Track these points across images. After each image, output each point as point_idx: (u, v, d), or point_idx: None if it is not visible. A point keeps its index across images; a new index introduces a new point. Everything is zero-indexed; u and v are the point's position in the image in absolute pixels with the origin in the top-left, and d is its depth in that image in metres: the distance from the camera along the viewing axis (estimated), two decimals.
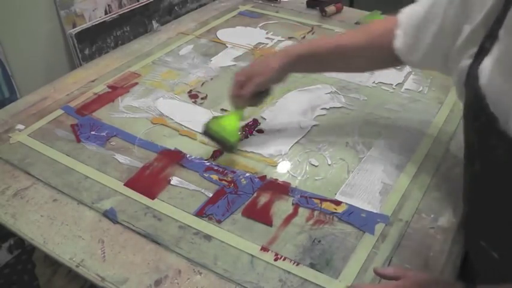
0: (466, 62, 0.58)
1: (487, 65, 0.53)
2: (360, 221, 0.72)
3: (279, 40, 1.27)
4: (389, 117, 0.95)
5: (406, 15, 0.72)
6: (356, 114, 0.97)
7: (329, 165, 0.84)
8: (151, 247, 0.69)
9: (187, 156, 0.85)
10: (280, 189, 0.78)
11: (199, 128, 0.92)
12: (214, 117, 0.87)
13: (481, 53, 0.55)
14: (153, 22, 1.41)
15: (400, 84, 1.07)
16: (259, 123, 0.94)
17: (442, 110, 0.98)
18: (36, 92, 1.06)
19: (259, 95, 0.84)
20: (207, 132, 0.83)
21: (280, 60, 0.80)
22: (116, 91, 1.05)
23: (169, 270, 0.65)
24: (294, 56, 0.80)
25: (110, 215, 0.73)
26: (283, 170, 0.83)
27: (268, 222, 0.72)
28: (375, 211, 0.74)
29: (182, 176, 0.81)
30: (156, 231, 0.71)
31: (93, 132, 0.91)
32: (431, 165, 0.83)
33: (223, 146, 0.84)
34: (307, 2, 1.49)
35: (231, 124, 0.84)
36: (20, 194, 0.78)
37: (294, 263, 0.66)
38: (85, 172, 0.82)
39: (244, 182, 0.79)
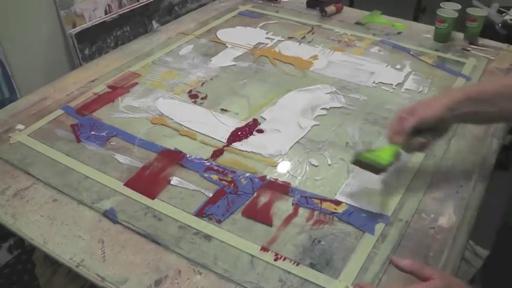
0: None
1: None
2: (360, 221, 0.72)
3: (279, 40, 1.27)
4: (389, 117, 0.95)
5: None
6: (356, 114, 0.97)
7: (329, 165, 0.84)
8: (151, 247, 0.69)
9: (187, 156, 0.85)
10: (280, 189, 0.78)
11: (199, 128, 0.93)
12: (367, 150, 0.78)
13: None
14: (153, 22, 1.41)
15: (400, 84, 1.07)
16: (259, 123, 0.94)
17: None
18: (36, 92, 1.06)
19: (421, 138, 0.73)
20: (358, 159, 0.75)
21: (447, 98, 0.73)
22: (116, 91, 1.05)
23: (169, 270, 0.65)
24: (462, 94, 0.74)
25: (110, 215, 0.73)
26: (283, 170, 0.83)
27: (268, 222, 0.72)
28: (374, 211, 0.74)
29: (182, 176, 0.81)
30: (156, 231, 0.71)
31: (93, 132, 0.91)
32: (431, 165, 0.83)
33: (374, 169, 0.75)
34: (307, 2, 1.49)
35: (384, 152, 0.74)
36: (20, 194, 0.78)
37: (294, 263, 0.66)
38: (85, 172, 0.82)
39: (244, 182, 0.79)
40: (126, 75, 1.11)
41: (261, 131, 0.92)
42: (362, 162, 0.75)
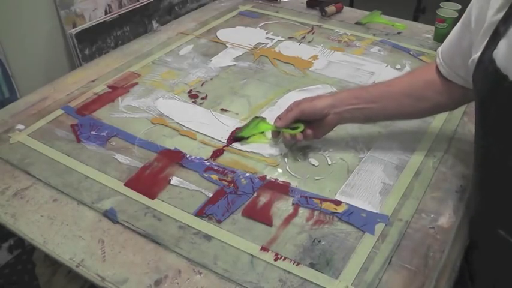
0: (476, 55, 0.60)
1: (502, 47, 0.54)
2: (360, 221, 0.72)
3: (279, 40, 1.27)
4: None
5: (443, 44, 0.75)
6: None
7: (329, 165, 0.84)
8: (151, 247, 0.69)
9: (187, 156, 0.85)
10: (280, 189, 0.78)
11: (199, 128, 0.93)
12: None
13: (495, 38, 0.56)
14: (153, 22, 1.41)
15: None
16: None
17: None
18: (36, 92, 1.06)
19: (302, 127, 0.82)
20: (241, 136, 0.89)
21: (332, 96, 0.81)
22: (116, 91, 1.05)
23: (169, 270, 0.65)
24: (347, 92, 0.82)
25: (110, 215, 0.73)
26: (283, 170, 0.83)
27: (268, 222, 0.72)
28: (375, 211, 0.74)
29: (182, 176, 0.81)
30: (156, 231, 0.71)
31: (93, 132, 0.91)
32: (431, 165, 0.83)
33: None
34: (307, 2, 1.49)
35: (257, 127, 0.90)
36: (20, 194, 0.78)
37: (294, 263, 0.66)
38: (85, 172, 0.82)
39: (244, 182, 0.79)
40: (126, 75, 1.11)
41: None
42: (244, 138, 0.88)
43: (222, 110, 0.99)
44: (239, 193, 0.77)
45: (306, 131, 0.81)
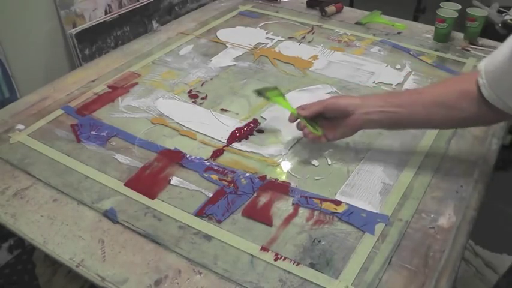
0: None
1: None
2: (360, 221, 0.72)
3: (279, 40, 1.27)
4: None
5: (487, 63, 0.69)
6: None
7: (329, 165, 0.84)
8: (151, 247, 0.69)
9: (187, 156, 0.85)
10: (280, 189, 0.78)
11: (199, 128, 0.93)
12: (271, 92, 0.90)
13: None
14: (153, 22, 1.41)
15: (400, 84, 1.07)
16: (259, 123, 0.94)
17: None
18: (36, 92, 1.06)
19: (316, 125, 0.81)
20: (266, 96, 0.89)
21: (363, 97, 0.79)
22: (116, 91, 1.05)
23: (169, 270, 0.65)
24: (378, 96, 0.79)
25: (110, 215, 0.73)
26: (283, 170, 0.83)
27: (268, 222, 0.72)
28: (375, 211, 0.74)
29: (182, 176, 0.81)
30: (156, 231, 0.71)
31: (93, 132, 0.91)
32: (431, 165, 0.83)
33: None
34: (307, 2, 1.49)
35: (280, 99, 0.89)
36: (20, 194, 0.78)
37: (294, 263, 0.66)
38: (85, 172, 0.82)
39: (244, 182, 0.79)
40: (126, 75, 1.11)
41: (261, 131, 0.92)
42: (268, 98, 0.88)
43: (222, 110, 0.99)
44: (239, 193, 0.77)
45: (326, 133, 0.80)
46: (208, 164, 0.83)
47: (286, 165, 0.84)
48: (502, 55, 0.65)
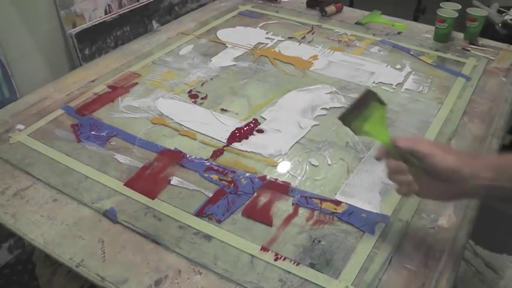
0: None
1: None
2: (360, 221, 0.72)
3: (279, 40, 1.27)
4: (390, 117, 0.95)
5: None
6: None
7: (329, 165, 0.84)
8: (151, 247, 0.69)
9: (187, 156, 0.85)
10: (280, 189, 0.78)
11: (199, 128, 0.92)
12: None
13: None
14: (153, 22, 1.41)
15: (400, 84, 1.07)
16: (259, 123, 0.94)
17: (442, 110, 0.98)
18: (36, 92, 1.06)
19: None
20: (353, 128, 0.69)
21: (468, 156, 0.60)
22: (116, 91, 1.05)
23: (169, 270, 0.65)
24: (475, 155, 0.63)
25: (110, 215, 0.73)
26: (283, 170, 0.83)
27: (268, 222, 0.72)
28: (374, 211, 0.74)
29: (182, 176, 0.81)
30: (156, 231, 0.71)
31: (93, 132, 0.91)
32: None
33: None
34: (307, 2, 1.49)
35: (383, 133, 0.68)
36: (20, 194, 0.78)
37: (294, 263, 0.66)
38: (85, 172, 0.82)
39: (244, 182, 0.79)
40: (126, 75, 1.11)
41: (261, 131, 0.92)
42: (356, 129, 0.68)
43: (222, 110, 0.99)
44: (239, 193, 0.77)
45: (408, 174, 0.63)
46: (208, 164, 0.83)
47: (286, 165, 0.84)
48: None
